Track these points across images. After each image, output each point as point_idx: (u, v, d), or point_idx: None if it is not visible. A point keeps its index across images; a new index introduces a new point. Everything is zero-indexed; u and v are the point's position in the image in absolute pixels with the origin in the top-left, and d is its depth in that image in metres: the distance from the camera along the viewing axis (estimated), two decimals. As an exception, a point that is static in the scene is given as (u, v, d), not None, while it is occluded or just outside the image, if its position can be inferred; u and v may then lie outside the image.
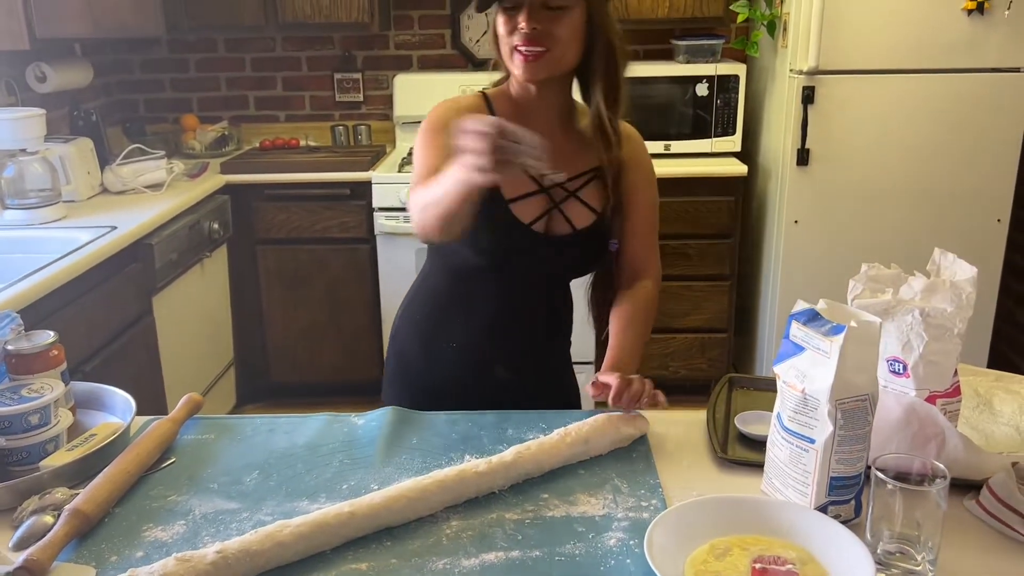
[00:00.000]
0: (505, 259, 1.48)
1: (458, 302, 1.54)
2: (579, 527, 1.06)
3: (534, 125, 1.42)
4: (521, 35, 1.35)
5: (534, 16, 1.34)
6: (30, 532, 1.04)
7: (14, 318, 1.31)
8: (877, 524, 0.97)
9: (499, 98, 1.49)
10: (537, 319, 1.57)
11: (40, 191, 2.65)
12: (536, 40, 1.35)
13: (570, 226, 1.48)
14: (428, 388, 1.57)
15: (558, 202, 1.47)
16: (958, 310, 1.10)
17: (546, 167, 1.13)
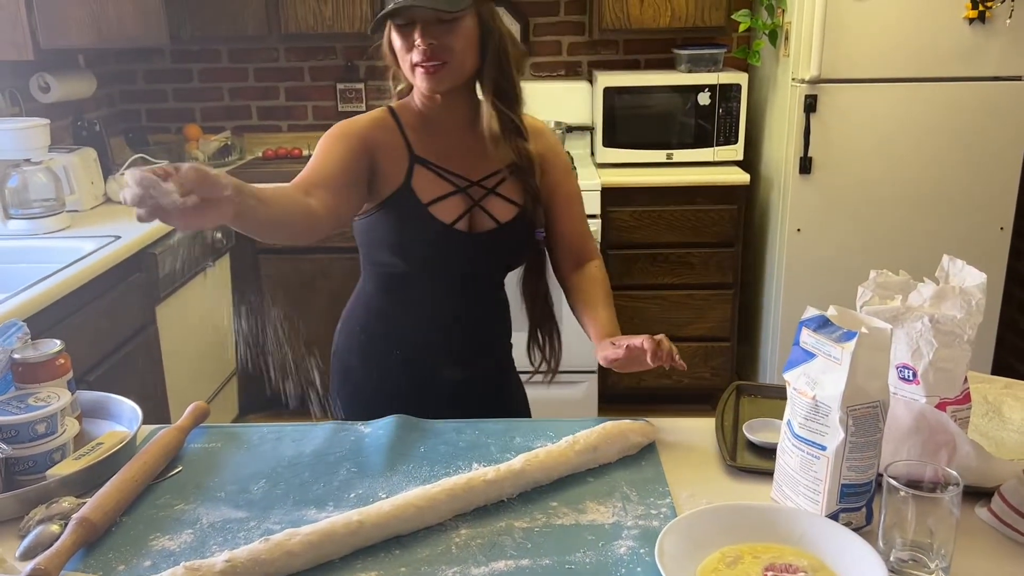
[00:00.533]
0: (432, 261, 1.50)
1: (393, 309, 1.55)
2: (589, 535, 1.06)
3: (443, 131, 1.52)
4: (419, 51, 1.38)
5: (428, 32, 1.37)
6: (37, 541, 1.04)
7: (20, 327, 1.31)
8: (890, 532, 0.97)
9: (404, 110, 1.52)
10: (474, 317, 1.58)
11: (44, 201, 2.65)
12: (434, 54, 1.38)
13: (493, 221, 1.51)
14: (376, 400, 1.54)
15: (478, 200, 1.50)
16: (968, 316, 1.10)
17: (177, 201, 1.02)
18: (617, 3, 3.33)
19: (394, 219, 1.47)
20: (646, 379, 3.47)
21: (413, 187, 1.47)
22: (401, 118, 1.51)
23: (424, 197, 1.47)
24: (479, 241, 1.50)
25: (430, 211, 1.47)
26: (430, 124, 1.51)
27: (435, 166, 1.49)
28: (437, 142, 1.51)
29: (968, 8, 2.91)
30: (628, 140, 3.40)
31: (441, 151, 1.50)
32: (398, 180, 1.47)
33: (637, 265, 3.29)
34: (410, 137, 1.49)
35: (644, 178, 3.26)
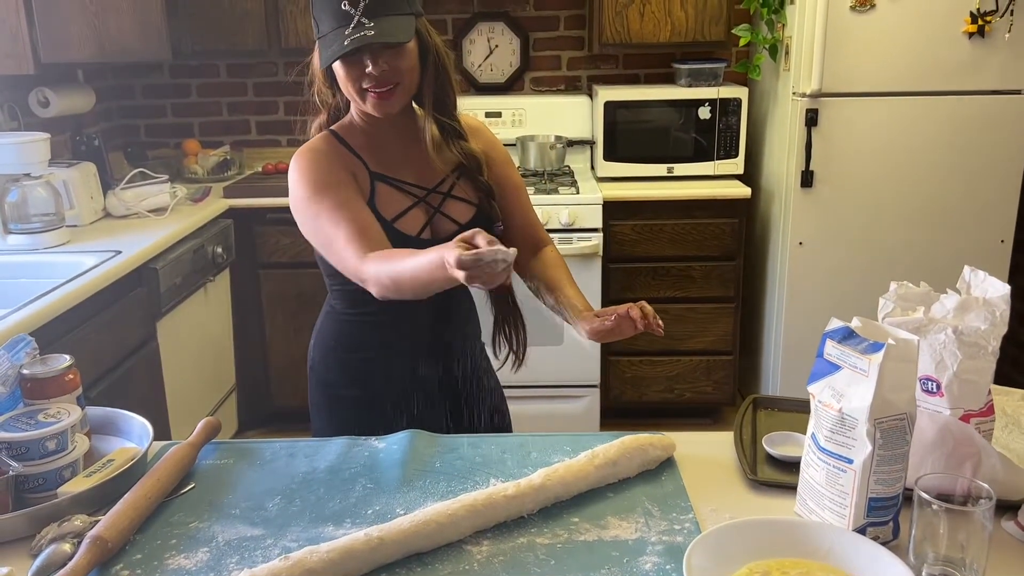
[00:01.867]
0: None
1: (366, 320, 1.56)
2: (613, 551, 1.04)
3: (388, 145, 1.53)
4: (371, 78, 1.38)
5: (378, 58, 1.37)
6: (49, 561, 1.02)
7: (29, 342, 1.29)
8: (921, 546, 0.95)
9: (349, 132, 1.52)
10: (447, 317, 1.60)
11: (44, 216, 2.63)
12: (386, 80, 1.39)
13: (454, 224, 1.52)
14: (358, 411, 1.58)
15: (437, 206, 1.52)
16: (992, 328, 1.09)
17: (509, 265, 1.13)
18: (617, 18, 3.34)
19: None
20: (648, 393, 3.46)
21: (376, 206, 1.47)
22: (347, 140, 1.51)
23: (388, 213, 1.48)
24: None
25: (395, 226, 1.47)
26: (375, 141, 1.51)
27: (392, 180, 1.50)
28: (387, 157, 1.52)
29: (967, 22, 2.93)
30: (629, 154, 3.40)
31: (393, 164, 1.51)
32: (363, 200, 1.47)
33: (639, 279, 3.29)
34: (361, 155, 1.50)
35: (645, 192, 3.26)
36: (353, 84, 1.40)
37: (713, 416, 3.56)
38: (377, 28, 1.34)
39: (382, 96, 1.40)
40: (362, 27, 1.34)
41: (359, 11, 1.35)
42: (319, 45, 1.42)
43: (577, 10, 3.71)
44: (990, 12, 2.91)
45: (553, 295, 1.53)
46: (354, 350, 1.58)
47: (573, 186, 3.30)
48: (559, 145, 3.50)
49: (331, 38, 1.37)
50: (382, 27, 1.35)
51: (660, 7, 3.32)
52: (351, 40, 1.34)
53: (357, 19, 1.34)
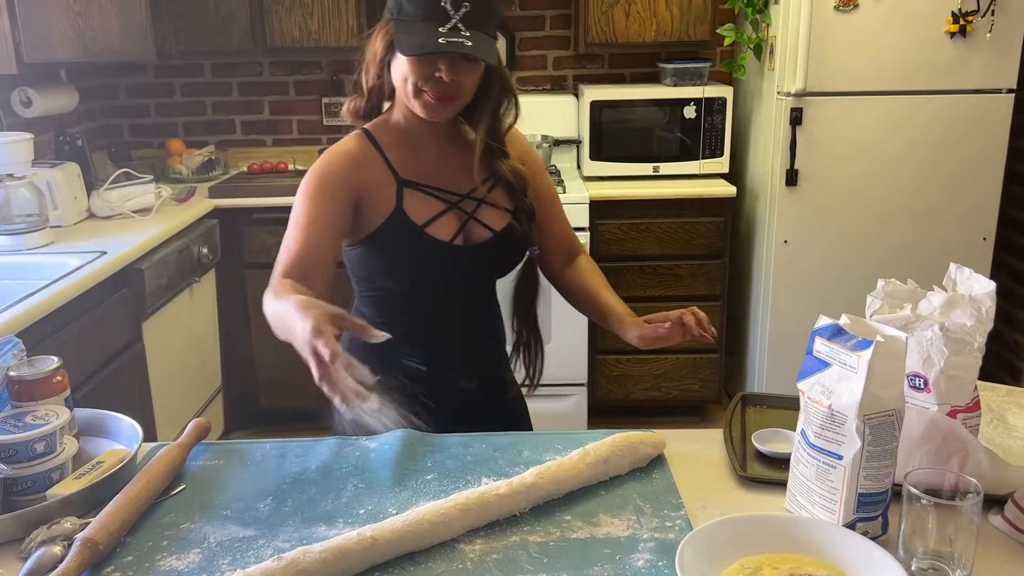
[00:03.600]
0: (433, 280, 1.49)
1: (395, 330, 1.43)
2: (605, 549, 1.05)
3: (424, 147, 1.49)
4: (437, 84, 1.35)
5: (455, 68, 1.34)
6: (39, 564, 1.01)
7: (16, 343, 1.28)
8: (910, 540, 0.97)
9: (383, 131, 1.48)
10: (474, 328, 1.57)
11: (27, 216, 2.61)
12: (448, 91, 1.37)
13: (488, 230, 1.49)
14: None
15: (471, 213, 1.49)
16: (978, 324, 1.11)
17: (357, 403, 1.06)
18: (603, 18, 3.35)
19: (389, 245, 1.45)
20: (635, 391, 3.47)
21: (406, 211, 1.44)
22: (380, 141, 1.47)
23: (418, 219, 1.44)
24: (478, 252, 1.49)
25: (427, 232, 1.44)
26: (411, 141, 1.48)
27: (423, 186, 1.47)
28: (421, 160, 1.48)
29: (949, 22, 2.96)
30: (615, 153, 3.41)
31: (426, 169, 1.48)
32: (388, 207, 1.44)
33: (625, 277, 3.30)
34: (393, 160, 1.46)
35: (631, 191, 3.27)
36: (414, 81, 1.36)
37: (699, 414, 3.58)
38: (473, 41, 1.31)
39: (438, 102, 1.37)
40: (458, 32, 1.31)
41: (458, 15, 1.31)
42: (395, 26, 1.37)
43: (563, 10, 3.71)
44: (971, 12, 2.94)
45: (593, 302, 1.53)
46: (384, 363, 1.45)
47: (560, 185, 3.30)
48: (545, 144, 3.50)
49: (418, 27, 1.32)
50: (478, 41, 1.32)
51: (645, 7, 3.33)
52: (448, 43, 1.30)
53: (455, 22, 1.31)
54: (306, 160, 3.81)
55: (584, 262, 1.62)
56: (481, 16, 1.33)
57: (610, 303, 1.51)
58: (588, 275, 1.58)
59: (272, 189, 3.34)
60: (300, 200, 1.42)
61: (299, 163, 3.80)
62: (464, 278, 1.52)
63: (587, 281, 1.57)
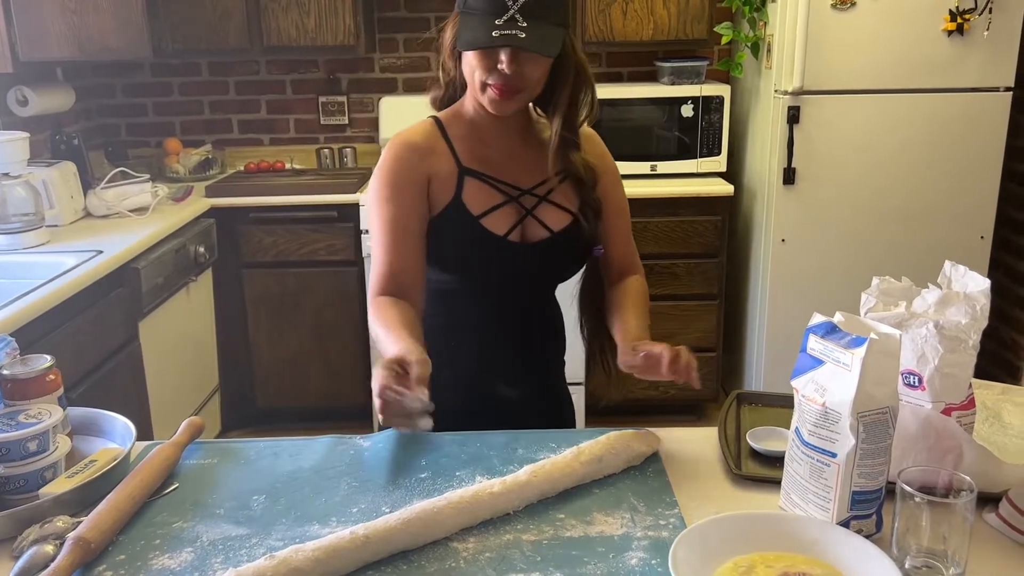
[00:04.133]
0: (485, 275, 1.47)
1: (443, 328, 1.49)
2: (599, 547, 1.04)
3: (492, 139, 1.47)
4: (499, 76, 1.33)
5: (516, 59, 1.32)
6: (31, 563, 1.01)
7: (9, 342, 1.28)
8: (903, 538, 0.96)
9: (453, 121, 1.47)
10: (528, 330, 1.54)
11: (23, 215, 2.60)
12: (513, 84, 1.34)
13: (546, 230, 1.46)
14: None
15: (530, 209, 1.46)
16: (972, 322, 1.10)
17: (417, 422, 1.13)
18: (600, 16, 3.34)
19: (445, 234, 1.43)
20: (633, 391, 3.44)
21: (463, 200, 1.43)
22: (448, 130, 1.46)
23: (475, 209, 1.42)
24: (533, 251, 1.46)
25: (482, 223, 1.42)
26: (480, 132, 1.46)
27: (484, 176, 1.45)
28: (485, 151, 1.46)
29: (947, 20, 2.96)
30: (612, 152, 3.35)
31: (490, 159, 1.46)
32: (448, 195, 1.43)
33: (623, 276, 3.29)
34: (457, 149, 1.45)
35: (628, 189, 3.15)
36: (479, 74, 1.35)
37: (697, 413, 3.58)
38: (530, 32, 1.28)
39: (503, 96, 1.35)
40: (514, 24, 1.28)
41: (516, 6, 1.29)
42: (461, 19, 1.35)
43: (560, 8, 3.70)
44: (969, 10, 2.94)
45: (614, 321, 1.47)
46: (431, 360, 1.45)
47: (557, 184, 3.30)
48: (543, 143, 3.49)
49: (478, 20, 1.31)
50: (535, 33, 1.29)
51: (643, 6, 3.32)
52: (501, 36, 1.28)
53: (512, 13, 1.28)
54: (303, 159, 3.81)
55: (631, 282, 1.55)
56: (543, 4, 1.30)
57: (625, 320, 1.44)
58: (624, 294, 1.51)
59: (269, 188, 3.34)
60: (375, 205, 1.43)
61: (296, 162, 3.80)
62: (516, 276, 1.48)
63: (619, 296, 1.51)
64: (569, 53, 1.38)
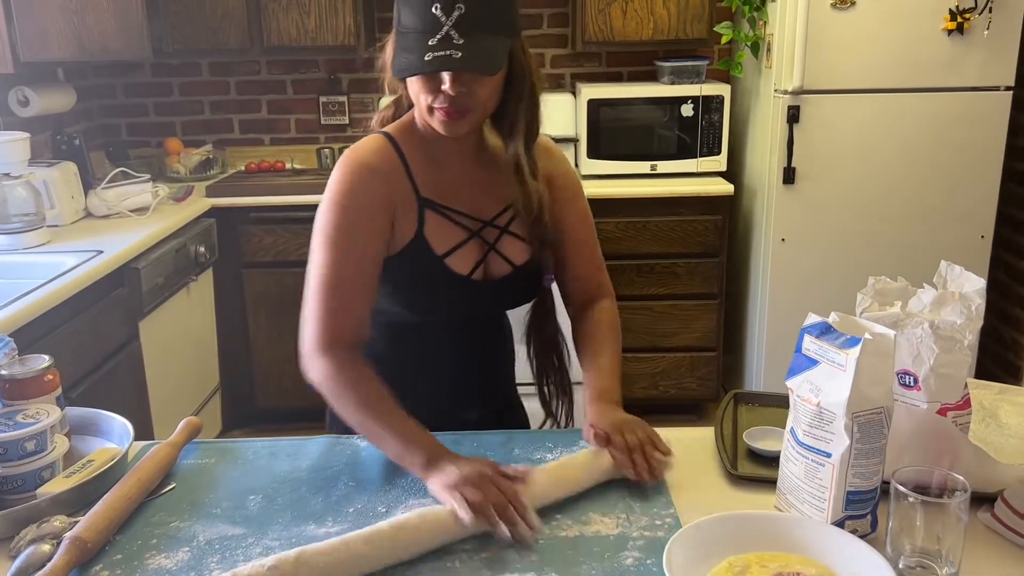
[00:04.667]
0: (444, 314, 1.39)
1: (402, 359, 1.42)
2: (594, 547, 1.05)
3: (446, 162, 1.35)
4: (444, 98, 1.22)
5: (459, 80, 1.20)
6: (28, 562, 1.01)
7: (8, 342, 1.28)
8: (898, 538, 0.96)
9: (406, 138, 1.34)
10: (486, 359, 1.49)
11: (24, 216, 2.61)
12: (460, 105, 1.22)
13: (509, 264, 1.38)
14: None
15: (492, 243, 1.37)
16: (968, 322, 1.10)
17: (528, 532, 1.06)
18: (600, 16, 3.34)
19: (407, 272, 1.34)
20: (633, 390, 3.47)
21: (426, 237, 1.32)
22: (404, 150, 1.34)
23: (439, 247, 1.33)
24: (495, 288, 1.38)
25: (446, 263, 1.33)
26: (434, 153, 1.35)
27: (444, 208, 1.34)
28: (443, 175, 1.35)
29: (947, 20, 2.95)
30: (612, 152, 3.41)
31: (447, 187, 1.35)
32: (410, 230, 1.32)
33: (623, 276, 3.29)
34: (415, 174, 1.33)
35: (629, 189, 3.27)
36: (424, 98, 1.24)
37: (697, 412, 3.58)
38: (466, 50, 1.16)
39: (451, 118, 1.23)
40: (449, 42, 1.16)
41: (451, 21, 1.17)
42: (396, 39, 1.24)
43: (560, 8, 3.71)
44: (969, 9, 2.94)
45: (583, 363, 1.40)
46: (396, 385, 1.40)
47: (557, 184, 3.30)
48: (543, 143, 3.49)
49: (412, 41, 1.19)
50: (472, 49, 1.16)
51: (643, 5, 3.32)
52: (434, 57, 1.16)
53: (446, 31, 1.16)
54: (304, 159, 3.82)
55: (596, 315, 1.45)
56: (482, 16, 1.18)
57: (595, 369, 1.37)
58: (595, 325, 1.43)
59: (270, 188, 3.34)
60: (326, 239, 1.29)
61: (297, 162, 3.81)
62: (476, 313, 1.43)
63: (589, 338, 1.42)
64: (521, 61, 1.28)
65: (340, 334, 1.26)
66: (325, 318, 1.26)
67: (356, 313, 1.29)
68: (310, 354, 1.26)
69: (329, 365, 1.24)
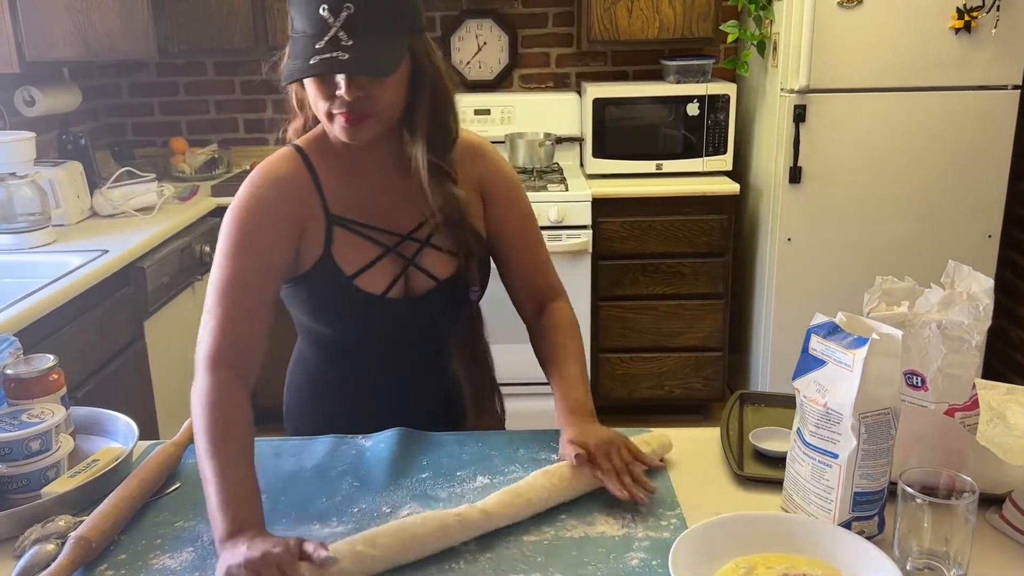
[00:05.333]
0: (364, 333, 1.34)
1: (337, 381, 1.41)
2: (599, 548, 1.04)
3: (360, 174, 1.29)
4: (341, 103, 1.16)
5: (354, 83, 1.15)
6: (33, 562, 1.01)
7: (12, 342, 1.28)
8: (905, 540, 0.96)
9: (317, 150, 1.28)
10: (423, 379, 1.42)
11: (30, 215, 2.61)
12: (358, 109, 1.17)
13: (432, 279, 1.32)
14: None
15: (411, 257, 1.31)
16: (976, 322, 1.10)
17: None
18: (605, 15, 3.34)
19: (317, 292, 1.29)
20: (638, 390, 3.46)
21: (334, 257, 1.27)
22: (314, 162, 1.28)
23: (348, 267, 1.27)
24: (419, 304, 1.32)
25: (356, 284, 1.27)
26: (348, 165, 1.29)
27: (356, 224, 1.28)
28: (357, 189, 1.29)
29: (954, 18, 2.94)
30: (618, 151, 3.40)
31: (361, 202, 1.29)
32: (317, 249, 1.27)
33: (628, 275, 3.29)
34: (325, 189, 1.28)
35: (634, 188, 3.26)
36: (321, 104, 1.18)
37: (703, 412, 3.57)
38: (355, 51, 1.11)
39: (351, 123, 1.18)
40: (337, 44, 1.11)
41: (339, 22, 1.11)
42: (289, 44, 1.19)
43: (566, 7, 3.70)
44: (976, 8, 2.92)
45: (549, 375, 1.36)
46: (328, 407, 1.43)
47: (562, 183, 3.30)
48: (548, 142, 3.49)
49: (301, 45, 1.14)
50: (361, 50, 1.11)
51: (648, 4, 3.32)
52: (320, 60, 1.11)
53: (334, 32, 1.11)
54: (309, 158, 3.81)
55: (552, 319, 1.39)
56: (373, 15, 1.13)
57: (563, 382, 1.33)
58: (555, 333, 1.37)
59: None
60: (223, 253, 1.22)
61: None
62: (402, 331, 1.36)
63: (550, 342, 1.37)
64: (423, 62, 1.21)
65: (229, 349, 1.18)
66: (216, 331, 1.18)
67: (248, 328, 1.20)
68: (197, 366, 1.17)
69: (206, 381, 1.14)
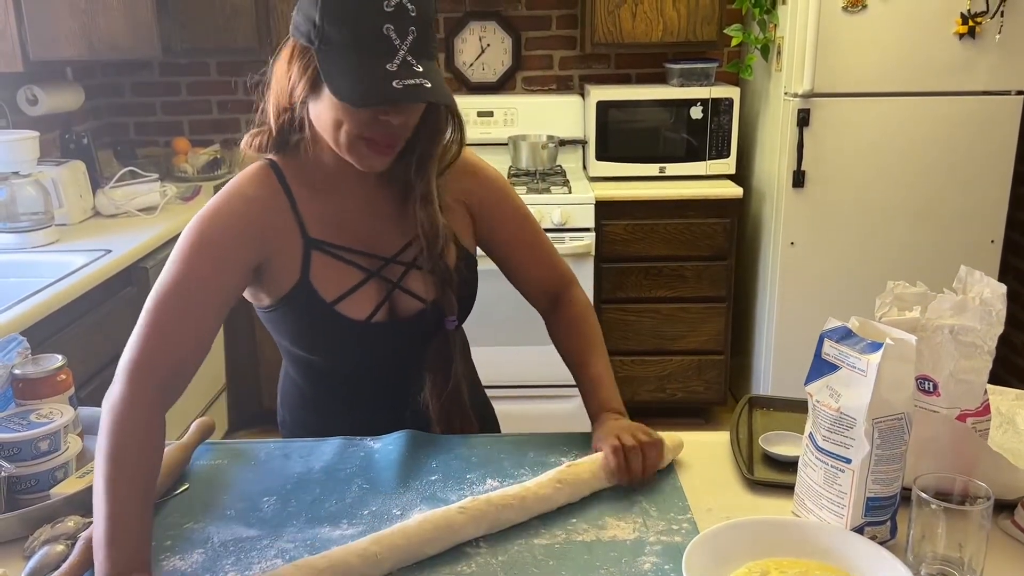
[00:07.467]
0: (352, 359, 1.31)
1: (325, 404, 1.38)
2: (611, 552, 1.04)
3: (346, 194, 1.24)
4: (384, 129, 1.11)
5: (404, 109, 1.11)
6: (43, 562, 1.01)
7: (21, 341, 1.28)
8: (919, 545, 0.96)
9: (295, 170, 1.22)
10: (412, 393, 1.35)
11: (32, 214, 2.61)
12: (396, 137, 1.13)
13: (419, 301, 1.27)
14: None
15: (397, 281, 1.26)
16: (988, 327, 1.10)
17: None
18: (609, 17, 3.34)
19: (297, 319, 1.24)
20: (640, 393, 3.46)
21: (313, 283, 1.21)
22: (290, 181, 1.21)
23: (328, 294, 1.21)
24: (405, 328, 1.28)
25: (337, 310, 1.22)
26: (330, 185, 1.23)
27: (336, 248, 1.23)
28: (336, 211, 1.24)
29: (958, 23, 2.94)
30: (621, 154, 3.41)
31: (343, 223, 1.24)
32: (294, 274, 1.21)
33: (630, 278, 3.29)
34: (303, 210, 1.21)
35: (637, 191, 3.26)
36: (352, 127, 1.10)
37: (704, 416, 3.57)
38: (429, 79, 1.05)
39: (383, 152, 1.13)
40: (410, 69, 1.05)
41: (406, 45, 1.05)
42: (322, 60, 1.07)
43: (569, 10, 3.70)
44: (980, 13, 2.93)
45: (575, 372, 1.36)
46: (321, 424, 1.39)
47: (565, 186, 3.30)
48: (551, 145, 3.49)
49: (355, 62, 1.05)
50: (430, 76, 1.06)
51: (652, 7, 3.32)
52: (405, 87, 1.04)
53: (403, 56, 1.05)
54: (311, 159, 3.80)
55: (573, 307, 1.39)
56: (428, 40, 1.09)
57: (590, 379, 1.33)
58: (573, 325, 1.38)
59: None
60: (174, 259, 1.14)
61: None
62: (393, 355, 1.32)
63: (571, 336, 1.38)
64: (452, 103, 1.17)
65: (156, 360, 1.11)
66: (144, 338, 1.12)
67: (181, 339, 1.13)
68: (117, 371, 1.11)
69: (120, 393, 1.08)
